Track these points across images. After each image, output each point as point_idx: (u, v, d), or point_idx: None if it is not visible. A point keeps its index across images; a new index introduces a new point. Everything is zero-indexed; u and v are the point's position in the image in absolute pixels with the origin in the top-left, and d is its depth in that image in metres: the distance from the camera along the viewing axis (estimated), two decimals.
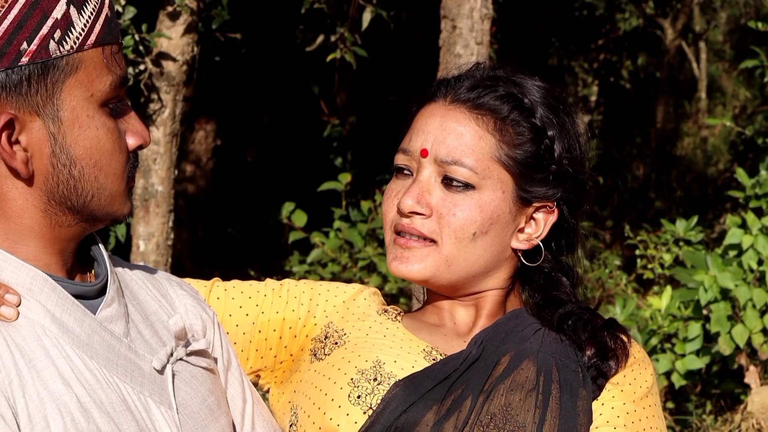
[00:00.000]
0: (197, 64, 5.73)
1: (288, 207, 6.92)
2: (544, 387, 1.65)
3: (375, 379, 1.70)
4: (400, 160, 1.79)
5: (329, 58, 6.92)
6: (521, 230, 1.76)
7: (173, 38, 5.51)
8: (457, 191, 1.72)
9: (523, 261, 1.79)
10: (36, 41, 1.47)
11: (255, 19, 9.40)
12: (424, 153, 1.74)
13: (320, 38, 7.16)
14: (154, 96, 5.54)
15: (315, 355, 1.81)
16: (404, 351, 1.74)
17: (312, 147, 11.27)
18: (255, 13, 9.40)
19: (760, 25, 6.83)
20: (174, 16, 5.51)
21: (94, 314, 1.54)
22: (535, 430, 1.61)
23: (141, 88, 5.50)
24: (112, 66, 1.53)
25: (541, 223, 1.77)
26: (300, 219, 6.87)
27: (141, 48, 5.42)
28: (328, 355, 1.79)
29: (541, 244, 1.78)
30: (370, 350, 1.75)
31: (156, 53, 5.50)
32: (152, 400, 1.56)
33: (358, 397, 1.69)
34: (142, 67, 5.47)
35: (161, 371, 1.59)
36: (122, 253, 6.39)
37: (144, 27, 5.44)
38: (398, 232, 1.76)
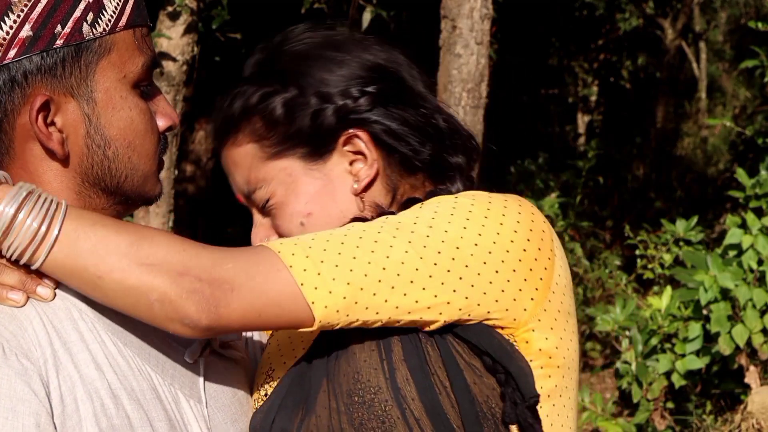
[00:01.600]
0: (197, 64, 5.73)
1: None
2: (382, 336, 1.58)
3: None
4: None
5: None
6: (350, 173, 1.72)
7: (173, 38, 5.52)
8: (272, 209, 1.74)
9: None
10: (70, 24, 1.49)
11: (255, 19, 9.40)
12: (240, 199, 1.80)
13: None
14: None
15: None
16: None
17: None
18: (255, 13, 9.41)
19: (760, 25, 6.83)
20: (174, 16, 5.51)
21: None
22: (390, 386, 1.56)
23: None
24: (143, 48, 1.56)
25: (359, 146, 1.72)
26: None
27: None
28: None
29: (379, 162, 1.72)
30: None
31: (156, 53, 5.50)
32: (182, 392, 1.57)
33: None
34: None
35: (193, 363, 1.60)
36: None
37: None
38: None
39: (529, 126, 14.53)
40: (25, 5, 1.48)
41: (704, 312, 5.81)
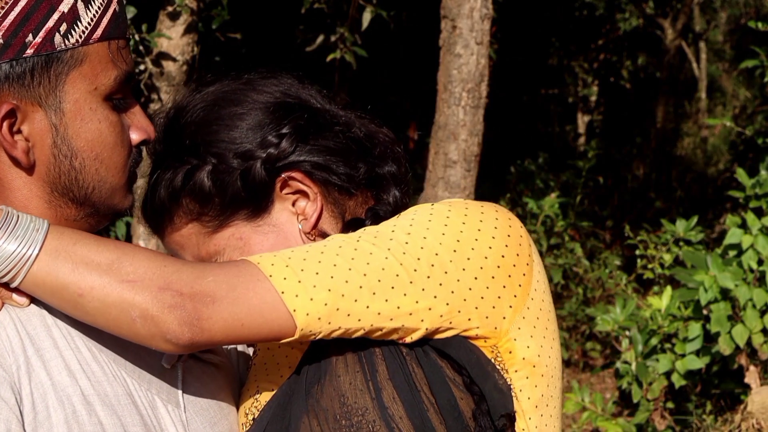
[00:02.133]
0: (197, 64, 5.73)
1: None
2: (366, 357, 1.58)
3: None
4: None
5: (329, 58, 6.92)
6: (296, 213, 1.71)
7: (173, 38, 5.51)
8: None
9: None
10: (41, 34, 1.48)
11: (255, 19, 9.40)
12: None
13: (320, 38, 7.16)
14: (154, 96, 5.54)
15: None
16: None
17: None
18: (255, 13, 9.41)
19: (760, 25, 6.83)
20: (174, 16, 5.51)
21: None
22: (377, 406, 1.56)
23: (141, 88, 5.50)
24: (118, 61, 1.55)
25: (297, 186, 1.71)
26: None
27: (141, 48, 5.42)
28: None
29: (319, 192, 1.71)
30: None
31: (156, 53, 5.50)
32: (159, 397, 1.58)
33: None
34: (142, 67, 5.47)
35: (171, 369, 1.60)
36: None
37: (144, 27, 5.44)
38: None
39: (529, 126, 14.53)
40: (1, 11, 1.47)
41: (704, 312, 5.81)
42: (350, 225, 1.70)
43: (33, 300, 1.50)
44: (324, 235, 1.70)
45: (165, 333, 1.46)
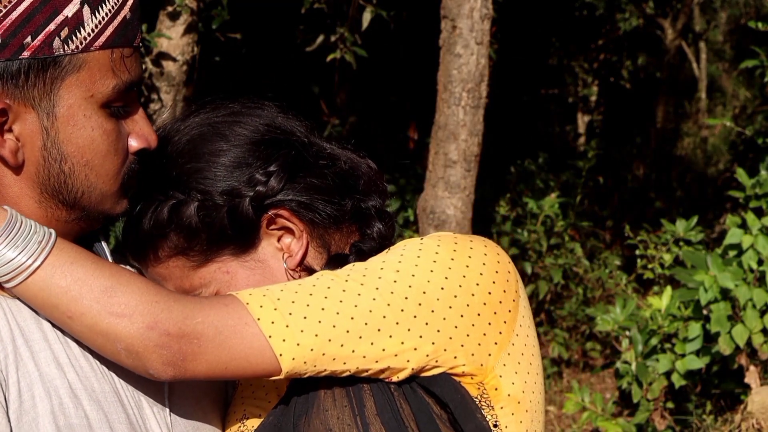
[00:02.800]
0: (197, 64, 5.73)
1: None
2: (354, 392, 1.58)
3: None
4: None
5: (329, 58, 6.92)
6: (281, 249, 1.71)
7: (173, 38, 5.51)
8: None
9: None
10: (40, 37, 1.47)
11: (255, 19, 9.40)
12: None
13: (320, 38, 7.16)
14: (154, 96, 5.54)
15: None
16: None
17: None
18: (255, 13, 9.40)
19: (760, 25, 6.83)
20: (174, 16, 5.51)
21: None
22: None
23: (141, 88, 5.50)
24: (119, 70, 1.53)
25: (283, 223, 1.70)
26: None
27: (141, 48, 5.42)
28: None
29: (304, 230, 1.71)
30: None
31: (156, 53, 5.50)
32: (145, 398, 1.59)
33: None
34: (142, 67, 5.47)
35: None
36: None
37: (144, 27, 5.44)
38: None
39: (529, 126, 14.53)
40: (1, 10, 1.46)
41: (704, 312, 5.81)
42: (334, 261, 1.70)
43: None
44: (310, 271, 1.70)
45: (148, 369, 1.49)
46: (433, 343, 1.56)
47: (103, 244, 1.67)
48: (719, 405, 6.28)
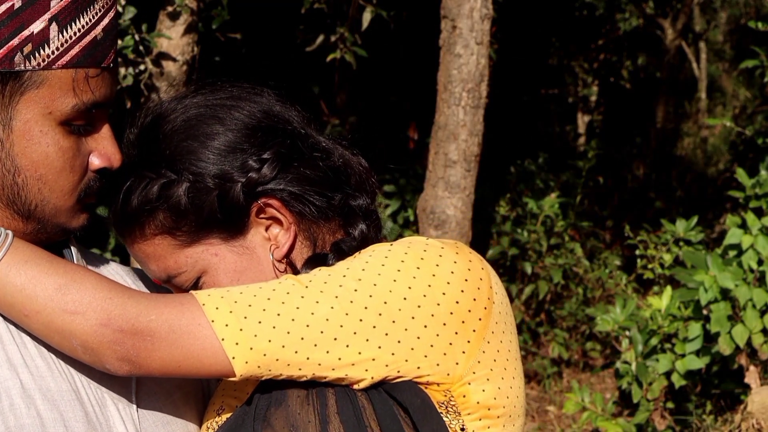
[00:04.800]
0: (197, 64, 5.73)
1: None
2: (318, 391, 1.58)
3: None
4: None
5: (329, 58, 6.92)
6: (269, 239, 1.70)
7: (173, 38, 5.51)
8: (199, 289, 1.70)
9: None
10: (3, 50, 1.47)
11: (255, 19, 9.40)
12: (157, 282, 1.77)
13: (320, 38, 7.15)
14: (154, 96, 5.54)
15: None
16: None
17: None
18: (255, 13, 9.40)
19: (760, 25, 6.83)
20: (174, 16, 5.51)
21: None
22: None
23: (141, 88, 5.50)
24: (81, 90, 1.52)
25: (272, 213, 1.69)
26: None
27: (141, 48, 5.42)
28: None
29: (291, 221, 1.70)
30: None
31: (156, 53, 5.50)
32: (109, 395, 1.58)
33: None
34: (142, 67, 5.47)
35: None
36: (121, 253, 6.39)
37: (144, 27, 5.44)
38: None
39: (529, 126, 14.52)
40: None
41: (704, 312, 5.81)
42: (313, 261, 1.69)
43: None
44: (292, 266, 1.70)
45: (105, 364, 1.51)
46: (392, 354, 1.54)
47: (72, 249, 1.67)
48: (719, 405, 6.28)
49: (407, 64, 11.09)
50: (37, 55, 1.48)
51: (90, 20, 1.52)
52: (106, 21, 1.55)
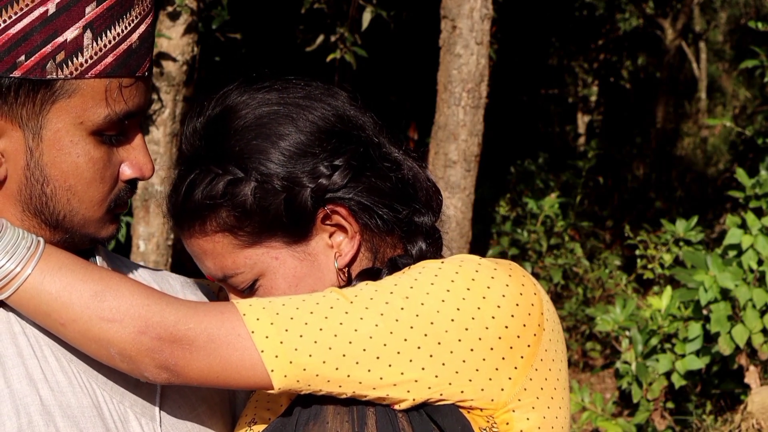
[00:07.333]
0: (197, 64, 5.73)
1: None
2: (358, 409, 1.53)
3: None
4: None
5: (329, 58, 6.92)
6: (331, 246, 1.65)
7: (173, 38, 5.51)
8: (257, 292, 1.67)
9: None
10: (35, 57, 1.43)
11: (255, 19, 9.40)
12: (210, 278, 1.73)
13: (320, 38, 7.16)
14: (154, 96, 5.54)
15: None
16: None
17: None
18: (255, 13, 9.40)
19: (760, 25, 6.83)
20: (174, 16, 5.51)
21: None
22: None
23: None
24: (114, 100, 1.48)
25: (338, 221, 1.65)
26: None
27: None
28: None
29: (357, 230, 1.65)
30: None
31: (156, 53, 5.50)
32: (132, 410, 1.55)
33: None
34: None
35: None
36: (123, 253, 6.39)
37: None
38: None
39: (529, 126, 14.53)
40: (1, 23, 1.42)
41: (704, 312, 5.81)
42: (366, 274, 1.64)
43: (1, 304, 1.48)
44: (349, 276, 1.65)
45: (143, 372, 1.47)
46: (436, 376, 1.50)
47: (98, 258, 1.63)
48: (719, 405, 6.28)
49: (407, 64, 11.10)
50: (70, 63, 1.43)
51: (125, 28, 1.48)
52: (142, 28, 1.50)
